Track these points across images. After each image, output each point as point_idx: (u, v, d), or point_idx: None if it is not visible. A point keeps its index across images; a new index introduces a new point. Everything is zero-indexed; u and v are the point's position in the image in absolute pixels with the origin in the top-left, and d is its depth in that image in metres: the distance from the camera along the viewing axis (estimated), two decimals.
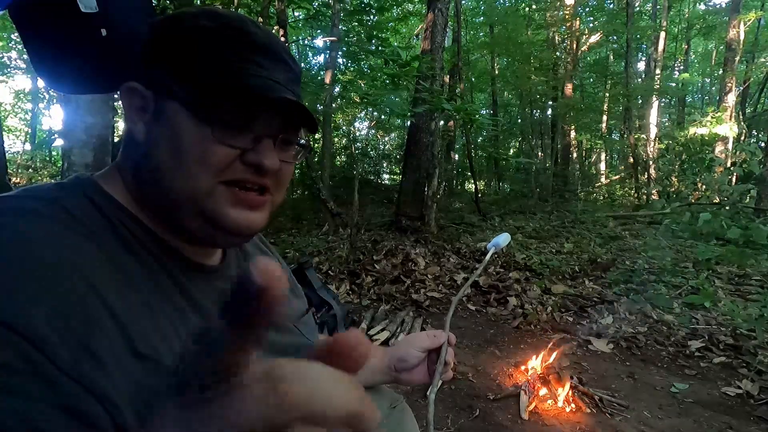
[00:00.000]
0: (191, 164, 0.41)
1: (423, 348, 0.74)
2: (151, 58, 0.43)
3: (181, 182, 0.41)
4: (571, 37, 11.29)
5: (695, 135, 9.15)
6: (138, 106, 0.43)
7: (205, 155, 0.41)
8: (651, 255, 4.42)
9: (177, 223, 0.43)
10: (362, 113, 13.10)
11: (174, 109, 0.41)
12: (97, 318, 0.32)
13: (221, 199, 0.42)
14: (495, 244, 0.92)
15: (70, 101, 2.64)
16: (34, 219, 0.35)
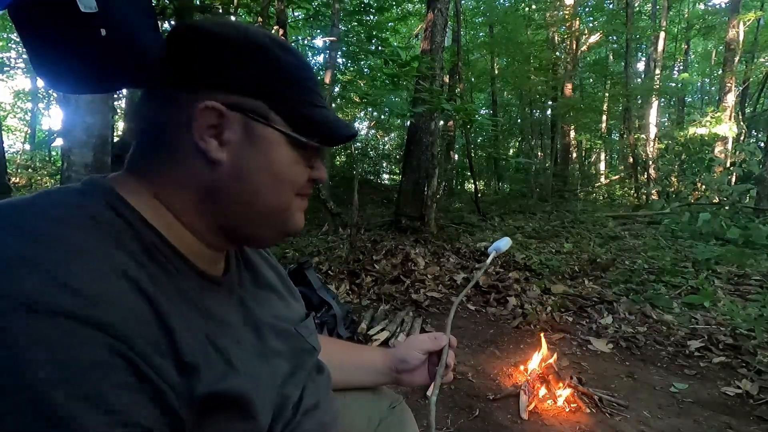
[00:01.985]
0: (284, 184, 0.46)
1: (424, 350, 0.76)
2: (242, 83, 0.44)
3: (271, 200, 0.46)
4: (571, 37, 11.29)
5: (695, 135, 9.15)
6: (210, 124, 0.43)
7: (294, 176, 0.47)
8: (650, 255, 4.42)
9: (248, 233, 0.48)
10: (362, 113, 13.11)
11: (272, 135, 0.45)
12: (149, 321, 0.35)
13: (293, 209, 0.49)
14: (496, 248, 0.93)
15: (69, 101, 2.64)
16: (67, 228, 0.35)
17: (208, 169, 0.43)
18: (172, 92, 0.44)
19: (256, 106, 0.44)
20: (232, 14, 4.57)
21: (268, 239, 0.50)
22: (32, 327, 0.29)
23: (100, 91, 0.57)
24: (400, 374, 0.77)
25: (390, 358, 0.78)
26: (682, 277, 3.64)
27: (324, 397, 0.58)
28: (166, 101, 0.44)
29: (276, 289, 0.60)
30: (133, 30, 0.60)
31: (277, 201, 0.46)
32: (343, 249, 4.21)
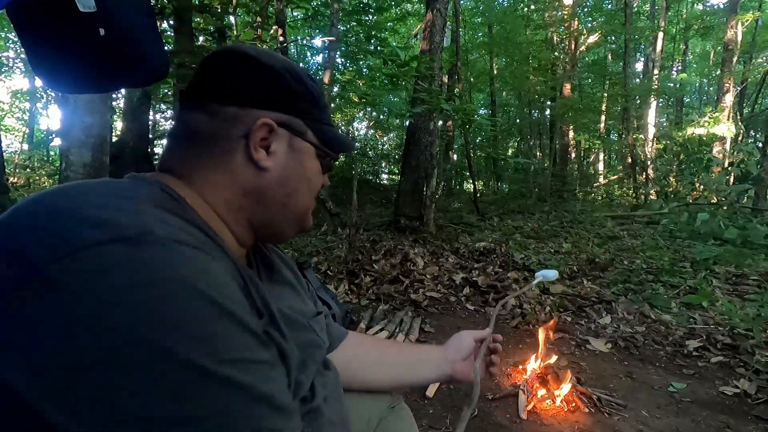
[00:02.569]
0: (311, 190, 0.56)
1: (476, 337, 0.86)
2: (286, 104, 0.52)
3: (303, 202, 0.56)
4: (570, 38, 11.30)
5: (693, 135, 9.17)
6: (262, 137, 0.50)
7: (317, 182, 0.57)
8: (649, 255, 4.43)
9: (276, 230, 0.56)
10: (361, 113, 13.10)
11: (307, 148, 0.54)
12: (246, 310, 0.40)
13: (310, 210, 0.58)
14: (543, 275, 0.99)
15: (68, 101, 2.63)
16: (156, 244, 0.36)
17: (255, 174, 0.50)
18: (228, 108, 0.49)
19: (297, 123, 0.53)
20: (231, 14, 4.56)
21: (288, 236, 0.58)
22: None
23: (99, 91, 0.58)
24: (455, 363, 0.82)
25: (444, 350, 0.84)
26: (680, 277, 3.65)
27: (335, 392, 0.60)
28: (219, 115, 0.49)
29: (292, 285, 0.64)
30: (132, 30, 0.60)
31: (306, 203, 0.56)
32: (342, 249, 4.21)
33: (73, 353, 0.30)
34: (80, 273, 0.31)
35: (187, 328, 0.32)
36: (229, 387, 0.33)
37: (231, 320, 0.35)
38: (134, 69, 0.62)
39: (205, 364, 0.32)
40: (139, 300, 0.31)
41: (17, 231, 0.34)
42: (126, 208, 0.36)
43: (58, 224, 0.34)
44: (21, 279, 0.31)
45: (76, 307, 0.30)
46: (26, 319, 0.30)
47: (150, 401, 0.30)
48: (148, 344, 0.30)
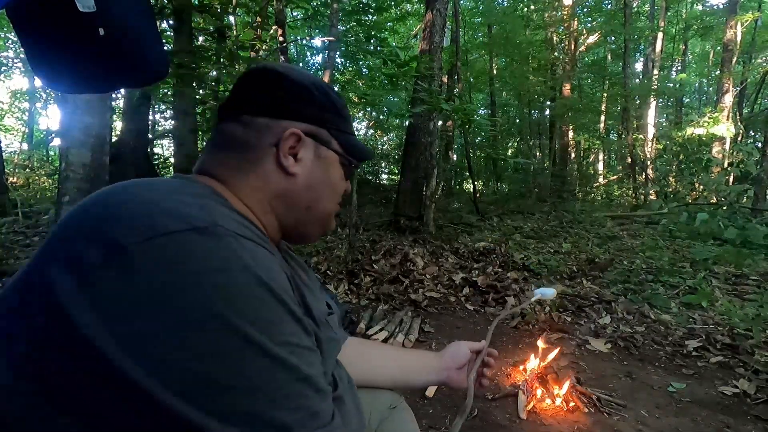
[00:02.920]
0: (336, 194, 0.61)
1: (472, 348, 0.91)
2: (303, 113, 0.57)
3: (327, 207, 0.60)
4: (569, 38, 11.30)
5: (693, 135, 9.17)
6: (291, 146, 0.55)
7: (341, 189, 0.62)
8: (649, 255, 4.44)
9: (302, 231, 0.60)
10: (361, 113, 13.10)
11: (332, 156, 0.59)
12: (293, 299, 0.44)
13: (333, 215, 0.63)
14: (542, 293, 1.02)
15: (67, 101, 2.63)
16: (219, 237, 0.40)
17: (284, 179, 0.55)
18: (260, 119, 0.55)
19: (322, 133, 0.58)
20: (230, 14, 4.56)
21: (313, 237, 0.62)
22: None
23: (98, 91, 0.58)
24: (450, 371, 0.87)
25: (441, 357, 0.88)
26: (680, 277, 3.65)
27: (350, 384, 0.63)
28: (252, 126, 0.54)
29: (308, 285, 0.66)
30: (131, 30, 0.60)
31: (331, 207, 0.61)
32: (341, 249, 4.21)
33: (155, 319, 0.34)
34: (161, 254, 0.36)
35: (251, 311, 0.37)
36: (281, 365, 0.38)
37: (283, 308, 0.40)
38: (134, 69, 0.62)
39: (263, 342, 0.37)
40: (213, 283, 0.36)
41: (101, 216, 0.39)
42: (193, 203, 0.42)
43: (139, 213, 0.39)
44: (106, 256, 0.36)
45: (158, 282, 0.35)
46: (110, 290, 0.35)
47: (213, 365, 0.34)
48: (219, 319, 0.35)
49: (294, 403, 0.38)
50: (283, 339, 0.38)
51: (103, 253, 0.36)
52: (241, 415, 0.35)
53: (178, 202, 0.41)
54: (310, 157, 0.56)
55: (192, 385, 0.34)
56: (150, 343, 0.34)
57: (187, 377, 0.34)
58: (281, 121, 0.54)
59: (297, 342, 0.40)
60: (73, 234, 0.39)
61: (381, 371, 0.83)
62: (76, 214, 0.41)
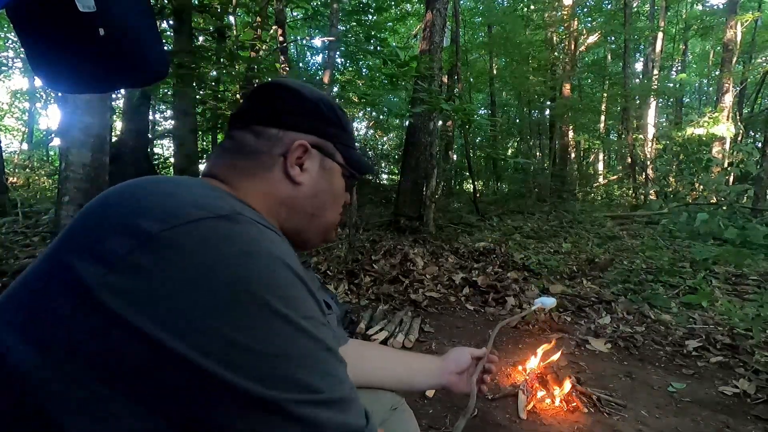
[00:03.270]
0: (338, 206, 0.64)
1: (473, 354, 0.92)
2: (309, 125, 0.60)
3: (330, 216, 0.63)
4: (569, 38, 11.30)
5: (693, 135, 9.17)
6: (298, 156, 0.58)
7: (343, 199, 0.65)
8: (649, 255, 4.43)
9: (303, 237, 0.61)
10: (361, 113, 13.10)
11: (335, 167, 0.62)
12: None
13: (335, 226, 0.65)
14: (542, 302, 1.05)
15: (67, 101, 2.63)
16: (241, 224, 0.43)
17: (290, 187, 0.58)
18: (270, 130, 0.58)
19: (328, 146, 0.61)
20: (230, 14, 4.56)
21: (314, 244, 0.64)
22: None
23: (98, 91, 0.58)
24: (451, 376, 0.89)
25: (443, 362, 0.90)
26: (680, 277, 3.65)
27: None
28: (263, 135, 0.58)
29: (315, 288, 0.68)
30: (131, 30, 0.60)
31: (332, 217, 0.64)
32: (341, 249, 4.21)
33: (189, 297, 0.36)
34: (189, 239, 0.38)
35: (278, 288, 0.40)
36: (308, 336, 0.40)
37: (305, 288, 0.43)
38: (134, 69, 0.62)
39: (291, 316, 0.39)
40: (243, 263, 0.39)
41: (127, 210, 0.41)
42: (213, 195, 0.45)
43: (162, 203, 0.41)
44: (134, 245, 0.38)
45: (188, 264, 0.37)
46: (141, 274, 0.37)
47: (248, 336, 0.37)
48: (251, 296, 0.38)
49: (323, 369, 0.41)
50: (308, 314, 0.42)
51: (130, 242, 0.38)
52: (279, 379, 0.37)
53: (199, 194, 0.44)
54: (316, 168, 0.60)
55: (231, 354, 0.36)
56: (186, 318, 0.36)
57: (225, 347, 0.36)
58: (290, 132, 0.58)
59: (319, 318, 0.43)
60: (96, 225, 0.41)
61: (382, 373, 0.84)
62: (97, 206, 0.43)
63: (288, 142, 0.57)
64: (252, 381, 0.36)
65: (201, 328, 0.36)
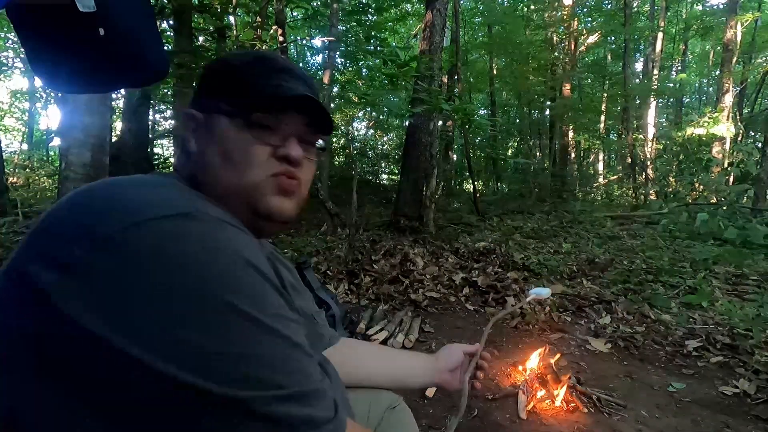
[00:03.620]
0: (237, 162, 0.51)
1: (465, 351, 0.91)
2: (206, 90, 0.55)
3: (232, 177, 0.51)
4: (570, 38, 11.31)
5: (693, 135, 9.17)
6: (192, 128, 0.54)
7: (248, 154, 0.51)
8: (649, 255, 4.43)
9: (241, 217, 0.52)
10: (361, 113, 13.10)
11: (221, 121, 0.52)
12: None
13: (264, 190, 0.52)
14: (536, 293, 1.03)
15: (67, 101, 2.63)
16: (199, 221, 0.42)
17: (187, 161, 0.54)
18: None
19: (211, 101, 0.53)
20: (230, 14, 4.56)
21: (252, 225, 0.51)
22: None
23: (98, 91, 0.58)
24: (443, 374, 0.88)
25: (435, 360, 0.89)
26: (680, 277, 3.65)
27: (336, 380, 0.62)
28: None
29: (295, 287, 0.66)
30: (131, 30, 0.60)
31: (239, 181, 0.51)
32: (341, 249, 4.21)
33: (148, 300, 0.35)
34: (148, 239, 0.37)
35: (240, 287, 0.39)
36: (273, 334, 0.40)
37: (270, 284, 0.42)
38: (134, 69, 0.62)
39: (256, 315, 0.39)
40: (202, 262, 0.37)
41: (81, 211, 0.40)
42: (172, 193, 0.44)
43: (120, 204, 0.40)
44: (90, 248, 0.36)
45: (147, 265, 0.36)
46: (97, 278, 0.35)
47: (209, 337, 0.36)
48: (212, 296, 0.37)
49: (289, 367, 0.40)
50: (272, 311, 0.41)
51: (86, 246, 0.36)
52: (243, 378, 0.37)
53: (158, 193, 0.42)
54: (203, 131, 0.53)
55: (193, 357, 0.35)
56: (144, 321, 0.35)
57: (186, 350, 0.35)
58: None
59: (285, 314, 0.42)
60: (52, 231, 0.40)
61: (376, 371, 0.84)
62: (55, 211, 0.42)
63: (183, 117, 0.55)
64: (215, 382, 0.35)
65: (160, 331, 0.35)
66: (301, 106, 0.54)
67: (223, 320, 0.37)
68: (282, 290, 0.44)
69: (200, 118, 0.54)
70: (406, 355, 0.95)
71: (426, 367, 0.88)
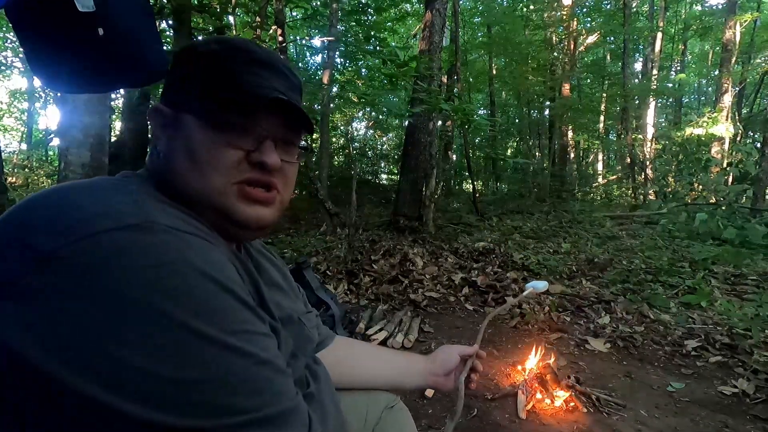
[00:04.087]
0: (204, 166, 0.47)
1: (459, 353, 0.89)
2: (173, 81, 0.51)
3: (197, 182, 0.47)
4: (569, 38, 11.32)
5: (692, 135, 9.18)
6: (161, 124, 0.50)
7: (216, 157, 0.47)
8: (648, 255, 4.44)
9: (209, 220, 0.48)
10: (360, 113, 13.10)
11: (189, 120, 0.47)
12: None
13: (232, 196, 0.48)
14: (534, 286, 1.04)
15: (66, 101, 2.63)
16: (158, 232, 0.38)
17: (158, 161, 0.49)
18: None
19: (179, 98, 0.49)
20: (229, 14, 4.56)
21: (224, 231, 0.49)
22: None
23: (97, 91, 0.58)
24: (438, 377, 0.86)
25: (431, 362, 0.88)
26: (679, 277, 3.65)
27: (326, 384, 0.61)
28: None
29: (279, 285, 0.64)
30: (131, 30, 0.60)
31: (204, 184, 0.47)
32: (341, 249, 4.21)
33: (90, 323, 0.32)
34: (90, 255, 0.34)
35: (196, 304, 0.35)
36: (234, 353, 0.36)
37: (232, 297, 0.39)
38: (133, 69, 0.62)
39: (213, 334, 0.35)
40: (152, 279, 0.34)
41: (19, 226, 0.36)
42: (125, 201, 0.39)
43: (62, 217, 0.36)
44: (26, 266, 0.33)
45: (90, 284, 0.33)
46: (35, 300, 0.32)
47: (160, 362, 0.33)
48: (162, 316, 0.34)
49: (253, 387, 0.37)
50: (233, 327, 0.37)
51: (20, 264, 0.33)
52: (201, 406, 0.34)
53: (108, 201, 0.38)
54: (171, 130, 0.49)
55: (142, 385, 0.32)
56: (87, 347, 0.32)
57: (134, 377, 0.32)
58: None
59: (250, 329, 0.39)
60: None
61: (371, 372, 0.83)
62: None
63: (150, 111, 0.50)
64: (168, 413, 0.32)
65: (106, 357, 0.32)
66: (278, 107, 0.49)
67: (175, 341, 0.34)
68: (247, 300, 0.41)
69: (168, 114, 0.49)
70: (402, 356, 0.93)
71: (421, 368, 0.87)
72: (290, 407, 0.40)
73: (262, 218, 0.50)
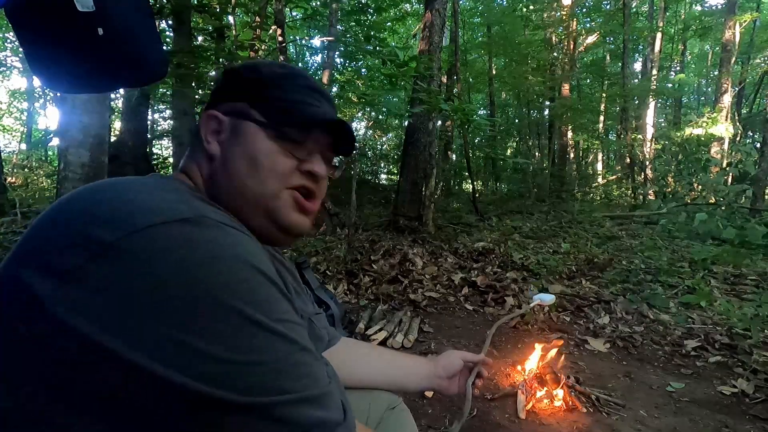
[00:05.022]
0: (263, 171, 0.52)
1: (465, 358, 0.91)
2: (232, 94, 0.56)
3: (255, 186, 0.52)
4: (569, 38, 11.32)
5: (691, 135, 9.19)
6: (213, 129, 0.55)
7: (274, 164, 0.52)
8: (647, 255, 4.44)
9: (251, 225, 0.52)
10: (360, 113, 13.09)
11: (252, 129, 0.53)
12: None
13: (285, 202, 0.54)
14: (540, 298, 1.06)
15: (66, 101, 2.63)
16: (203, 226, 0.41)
17: (208, 163, 0.54)
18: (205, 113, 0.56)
19: (240, 107, 0.54)
20: (229, 14, 4.56)
21: (266, 234, 0.54)
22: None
23: (97, 91, 0.58)
24: (441, 380, 0.89)
25: (435, 364, 0.90)
26: (678, 277, 3.65)
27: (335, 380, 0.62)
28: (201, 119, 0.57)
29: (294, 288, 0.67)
30: (130, 30, 0.60)
31: (261, 188, 0.52)
32: (341, 249, 4.21)
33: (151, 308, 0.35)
34: (148, 246, 0.36)
35: (248, 293, 0.38)
36: (281, 339, 0.40)
37: (276, 289, 0.42)
38: (133, 69, 0.62)
39: (263, 320, 0.38)
40: (204, 269, 0.37)
41: (77, 217, 0.39)
42: (173, 198, 0.42)
43: (119, 210, 0.39)
44: (89, 256, 0.36)
45: (148, 273, 0.35)
46: (97, 286, 0.35)
47: (216, 345, 0.36)
48: (218, 303, 0.36)
49: (298, 371, 0.40)
50: (278, 316, 0.40)
51: (83, 253, 0.36)
52: (256, 386, 0.37)
53: (159, 197, 0.41)
54: (227, 135, 0.54)
55: (201, 366, 0.35)
56: (150, 331, 0.34)
57: (194, 358, 0.35)
58: (212, 109, 0.56)
59: (292, 319, 0.42)
60: (48, 237, 0.39)
61: (375, 373, 0.84)
62: (49, 216, 0.41)
63: (204, 117, 0.55)
64: (227, 390, 0.35)
65: (167, 340, 0.34)
66: (331, 129, 0.57)
67: (231, 327, 0.36)
68: (287, 293, 0.44)
69: (225, 121, 0.54)
70: (405, 358, 0.94)
71: (425, 371, 0.89)
72: (327, 390, 0.43)
73: (303, 226, 0.56)
